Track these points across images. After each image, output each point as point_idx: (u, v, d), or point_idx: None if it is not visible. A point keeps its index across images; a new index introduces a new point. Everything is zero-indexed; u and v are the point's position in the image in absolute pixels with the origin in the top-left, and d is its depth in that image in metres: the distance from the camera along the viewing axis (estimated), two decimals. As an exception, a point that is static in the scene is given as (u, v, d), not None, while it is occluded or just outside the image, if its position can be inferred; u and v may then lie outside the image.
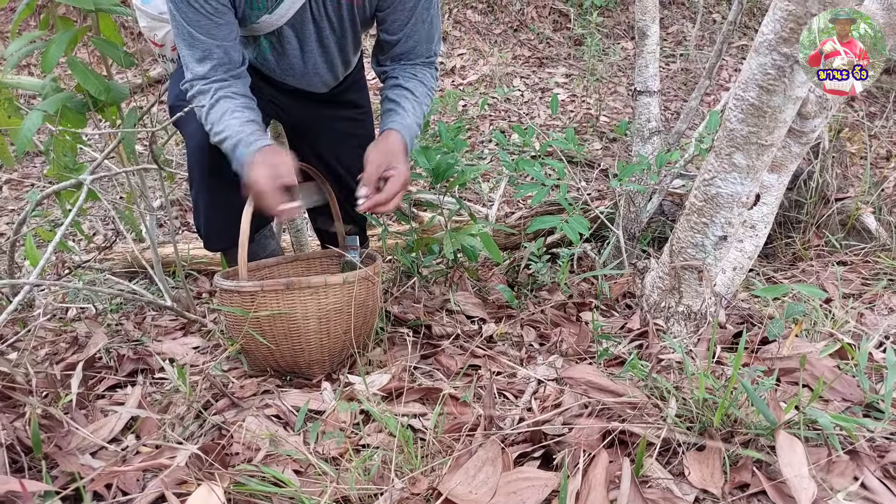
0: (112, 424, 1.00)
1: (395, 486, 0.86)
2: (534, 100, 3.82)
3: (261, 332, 1.21)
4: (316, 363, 1.26)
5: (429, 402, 1.12)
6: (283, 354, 1.25)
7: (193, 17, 1.26)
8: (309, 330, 1.22)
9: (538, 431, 0.98)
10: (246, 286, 1.20)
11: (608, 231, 2.10)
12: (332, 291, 1.22)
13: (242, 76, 1.36)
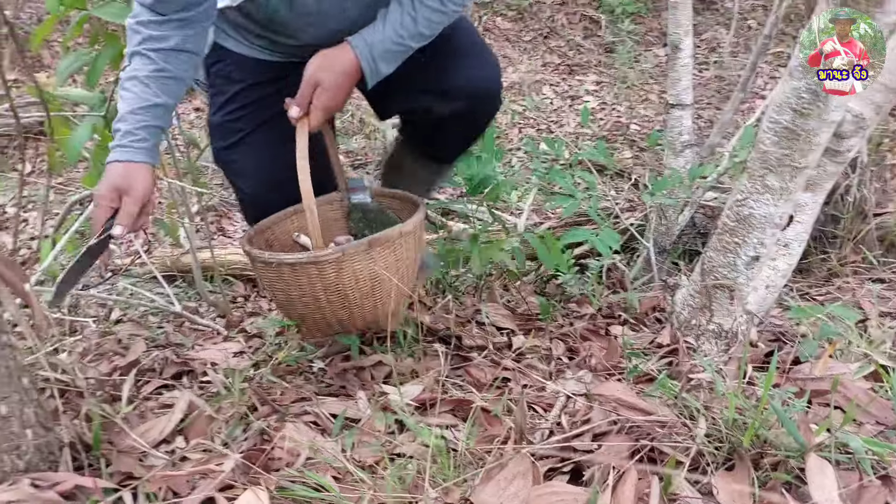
0: (162, 426, 1.06)
1: (430, 495, 0.89)
2: (563, 107, 3.83)
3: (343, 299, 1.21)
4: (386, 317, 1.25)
5: (460, 414, 1.15)
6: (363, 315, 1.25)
7: None
8: (389, 285, 1.21)
9: (568, 447, 1.00)
10: (328, 254, 1.16)
11: (638, 242, 2.10)
12: (406, 238, 1.22)
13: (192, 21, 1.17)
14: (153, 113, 1.14)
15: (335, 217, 1.47)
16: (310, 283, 1.20)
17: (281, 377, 1.33)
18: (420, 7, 1.17)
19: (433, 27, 1.21)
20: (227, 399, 1.15)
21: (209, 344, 1.63)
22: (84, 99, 1.95)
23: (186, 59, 1.20)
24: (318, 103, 1.16)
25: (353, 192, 1.37)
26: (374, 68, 1.19)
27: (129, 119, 1.13)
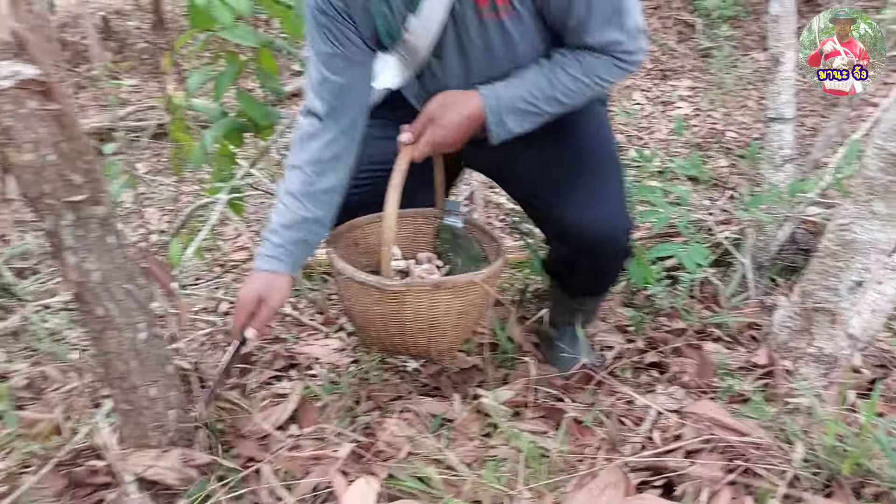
0: (278, 414, 1.17)
1: (524, 495, 0.94)
2: (654, 113, 3.76)
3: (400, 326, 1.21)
4: (445, 353, 1.27)
5: (550, 422, 1.20)
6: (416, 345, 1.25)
7: (321, 45, 1.21)
8: (447, 324, 1.21)
9: (660, 462, 1.03)
10: (392, 285, 1.17)
11: (734, 257, 2.05)
12: (475, 288, 1.20)
13: (354, 132, 1.27)
14: (305, 228, 1.22)
15: (425, 231, 1.50)
16: (372, 304, 1.21)
17: (377, 375, 1.42)
18: (559, 71, 1.14)
19: (571, 96, 1.16)
20: (334, 392, 1.25)
21: (312, 339, 1.75)
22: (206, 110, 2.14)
23: (343, 168, 1.27)
24: (428, 137, 1.17)
25: (447, 214, 1.39)
26: (500, 120, 1.16)
27: (280, 233, 1.21)
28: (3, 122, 0.81)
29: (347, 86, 1.24)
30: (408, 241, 1.50)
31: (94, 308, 0.93)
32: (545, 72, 1.15)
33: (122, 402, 1.00)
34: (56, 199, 0.87)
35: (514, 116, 1.16)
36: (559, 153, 1.27)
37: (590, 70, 1.15)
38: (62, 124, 0.85)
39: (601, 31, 1.12)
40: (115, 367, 0.97)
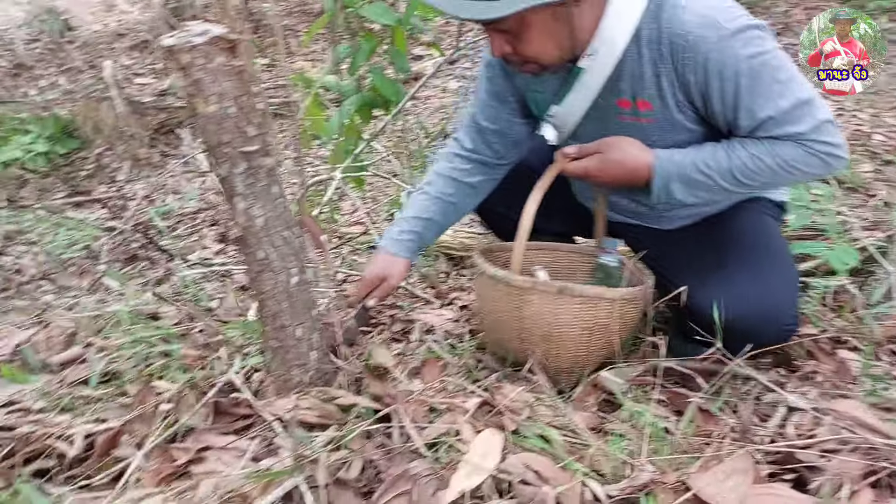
0: (403, 367, 1.23)
1: (647, 468, 0.94)
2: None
3: (520, 327, 1.23)
4: (564, 371, 1.26)
5: (672, 407, 1.18)
6: (534, 353, 1.25)
7: (482, 90, 1.37)
8: (570, 338, 1.21)
9: (791, 455, 0.98)
10: (518, 280, 1.20)
11: (874, 266, 1.90)
12: (604, 305, 1.19)
13: (498, 168, 1.41)
14: (427, 225, 1.39)
15: (579, 268, 1.51)
16: (498, 300, 1.25)
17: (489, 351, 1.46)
18: (738, 147, 1.13)
19: (749, 174, 1.13)
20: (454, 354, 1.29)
21: (427, 309, 1.82)
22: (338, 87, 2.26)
23: (474, 196, 1.44)
24: (587, 163, 1.20)
25: (603, 253, 1.38)
26: (666, 185, 1.17)
27: (409, 221, 1.38)
28: (194, 75, 0.91)
29: (495, 133, 1.39)
30: (561, 275, 1.51)
31: (256, 251, 1.03)
32: (724, 146, 1.15)
33: (271, 338, 1.09)
34: (232, 148, 0.96)
35: (682, 185, 1.16)
36: (715, 238, 1.27)
37: (774, 151, 1.11)
38: (242, 80, 0.95)
39: (779, 126, 1.10)
40: (269, 307, 1.07)
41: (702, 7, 1.06)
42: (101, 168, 3.18)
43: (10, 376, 1.48)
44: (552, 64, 1.15)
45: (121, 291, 2.01)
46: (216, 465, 1.01)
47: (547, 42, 1.11)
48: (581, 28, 1.11)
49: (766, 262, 1.20)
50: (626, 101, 1.17)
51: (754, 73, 1.07)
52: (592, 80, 1.17)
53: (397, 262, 1.36)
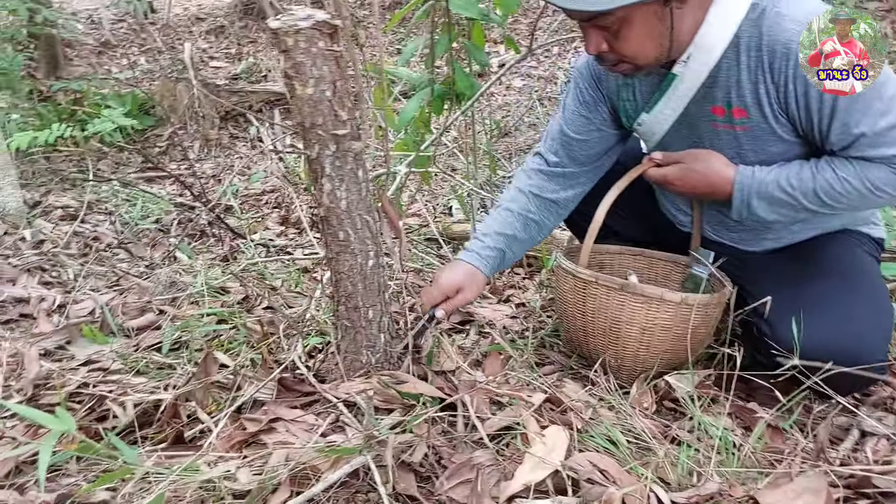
0: (465, 360, 1.24)
1: (714, 479, 0.93)
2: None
3: (584, 320, 1.28)
4: (626, 369, 1.27)
5: (740, 421, 1.16)
6: (596, 347, 1.29)
7: (571, 101, 1.36)
8: (629, 336, 1.23)
9: (867, 480, 0.95)
10: (583, 273, 1.25)
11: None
12: (664, 307, 1.20)
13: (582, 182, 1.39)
14: (510, 243, 1.36)
15: (672, 278, 1.50)
16: (566, 291, 1.29)
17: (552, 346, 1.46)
18: (825, 167, 1.10)
19: (835, 196, 1.09)
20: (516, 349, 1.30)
21: (485, 303, 1.83)
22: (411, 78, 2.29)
23: (557, 213, 1.40)
24: (669, 170, 1.21)
25: (695, 263, 1.36)
26: (746, 200, 1.15)
27: (492, 236, 1.35)
28: (296, 58, 0.95)
29: (582, 143, 1.36)
30: (654, 283, 1.49)
31: (338, 231, 1.06)
32: (810, 165, 1.12)
33: (344, 318, 1.13)
34: (325, 130, 0.99)
35: (763, 201, 1.15)
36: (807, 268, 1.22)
37: (863, 174, 1.07)
38: (339, 65, 0.98)
39: (873, 147, 1.05)
40: (345, 287, 1.10)
41: (804, 14, 1.03)
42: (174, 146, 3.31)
43: (90, 336, 1.56)
44: (647, 65, 1.13)
45: (190, 265, 2.09)
46: (286, 436, 1.04)
47: (646, 41, 1.09)
48: (681, 30, 1.10)
49: (858, 302, 1.15)
50: (720, 108, 1.15)
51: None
52: (685, 86, 1.16)
53: (477, 277, 1.32)
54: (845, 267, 1.21)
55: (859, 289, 1.17)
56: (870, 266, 1.25)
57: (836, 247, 1.26)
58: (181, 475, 0.90)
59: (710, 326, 1.27)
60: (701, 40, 1.10)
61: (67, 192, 2.75)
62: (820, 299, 1.14)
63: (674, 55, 1.13)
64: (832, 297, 1.14)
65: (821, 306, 1.12)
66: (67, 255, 2.09)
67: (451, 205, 3.10)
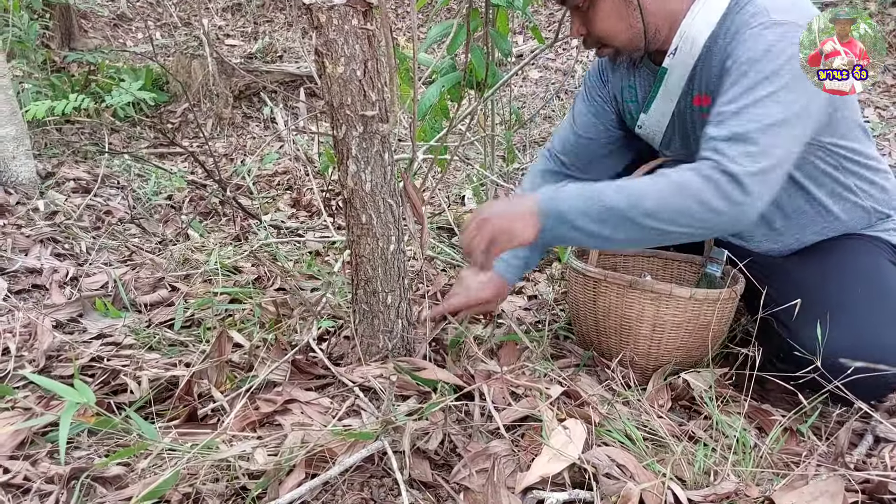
0: (482, 350, 1.23)
1: (731, 478, 0.92)
2: (887, 134, 3.35)
3: (595, 318, 1.29)
4: (639, 367, 1.27)
5: (755, 422, 1.15)
6: (609, 346, 1.30)
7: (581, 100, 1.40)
8: (640, 333, 1.24)
9: (884, 485, 0.95)
10: (592, 271, 1.28)
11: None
12: (674, 303, 1.20)
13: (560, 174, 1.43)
14: (531, 250, 1.35)
15: (686, 278, 1.50)
16: (578, 291, 1.32)
17: (566, 339, 1.45)
18: (643, 179, 1.05)
19: (636, 199, 1.00)
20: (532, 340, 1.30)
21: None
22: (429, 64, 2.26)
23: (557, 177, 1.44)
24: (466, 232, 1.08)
25: (710, 262, 1.36)
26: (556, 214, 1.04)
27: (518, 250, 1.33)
28: (329, 35, 0.93)
29: (590, 143, 1.39)
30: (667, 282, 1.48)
31: (361, 214, 1.05)
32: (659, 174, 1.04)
33: (363, 302, 1.12)
34: (353, 111, 0.98)
35: (575, 213, 1.03)
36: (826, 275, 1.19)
37: (673, 175, 1.01)
38: (371, 45, 0.96)
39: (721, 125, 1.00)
40: (365, 271, 1.09)
41: (772, 3, 1.03)
42: (187, 123, 3.29)
43: (103, 310, 1.56)
44: (626, 48, 1.16)
45: (203, 243, 2.08)
46: (301, 418, 1.04)
47: (616, 21, 1.13)
48: (653, 12, 1.12)
49: (881, 309, 1.13)
50: (700, 97, 1.17)
51: (757, 59, 0.99)
52: (674, 79, 1.17)
53: (504, 289, 1.32)
54: (868, 274, 1.20)
55: (882, 296, 1.16)
56: (892, 274, 1.24)
57: (860, 254, 1.25)
58: (199, 453, 0.89)
59: (723, 323, 1.27)
60: (686, 31, 1.12)
61: (80, 164, 2.74)
62: (843, 305, 1.13)
63: (658, 44, 1.16)
64: (855, 303, 1.13)
65: (844, 312, 1.11)
66: (80, 228, 2.09)
67: (464, 194, 3.09)
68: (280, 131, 2.96)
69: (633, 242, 1.05)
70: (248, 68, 3.43)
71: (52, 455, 0.98)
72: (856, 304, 1.13)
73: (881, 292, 1.17)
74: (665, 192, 0.99)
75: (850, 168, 1.21)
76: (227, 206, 2.44)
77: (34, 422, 1.01)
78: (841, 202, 1.24)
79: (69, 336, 1.43)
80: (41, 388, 1.08)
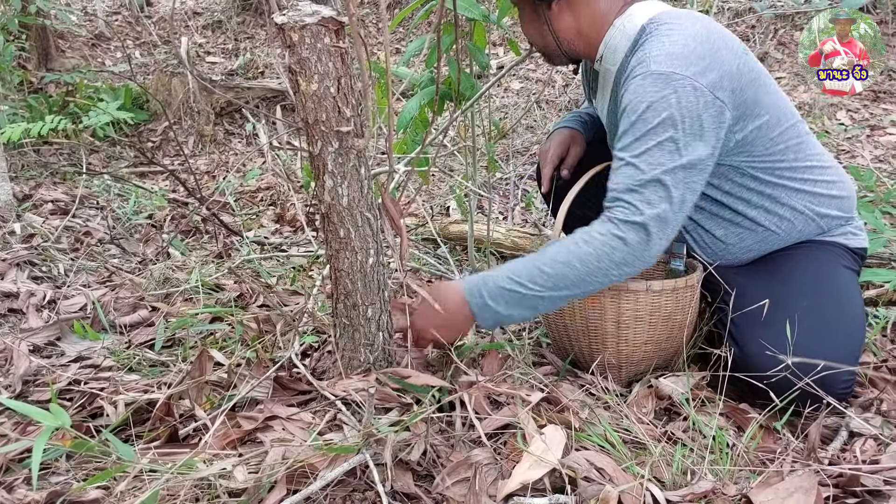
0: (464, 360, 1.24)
1: (708, 477, 0.93)
2: (859, 136, 3.42)
3: (563, 321, 1.29)
4: (614, 367, 1.28)
5: (733, 421, 1.17)
6: (581, 349, 1.30)
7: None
8: (607, 331, 1.24)
9: (856, 479, 0.97)
10: None
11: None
12: (633, 297, 1.22)
13: None
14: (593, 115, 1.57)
15: (654, 276, 1.50)
16: None
17: (549, 345, 1.47)
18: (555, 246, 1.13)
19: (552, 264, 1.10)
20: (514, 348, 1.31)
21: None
22: (408, 77, 2.28)
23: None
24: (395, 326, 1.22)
25: (672, 258, 1.37)
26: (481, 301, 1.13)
27: (579, 112, 1.59)
28: (302, 54, 0.95)
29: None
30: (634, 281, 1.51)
31: (339, 228, 1.06)
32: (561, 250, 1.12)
33: (343, 316, 1.12)
34: (328, 127, 0.99)
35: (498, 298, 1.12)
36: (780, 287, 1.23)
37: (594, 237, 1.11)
38: (345, 62, 0.98)
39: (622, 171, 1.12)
40: (344, 285, 1.10)
41: (664, 46, 1.10)
42: (168, 141, 3.29)
43: (81, 333, 1.55)
44: (544, 53, 1.35)
45: (184, 261, 2.08)
46: (283, 434, 1.04)
47: (532, 31, 1.33)
48: (563, 29, 1.26)
49: (829, 324, 1.16)
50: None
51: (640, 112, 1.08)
52: (604, 83, 1.31)
53: (578, 137, 1.53)
54: (817, 284, 1.22)
55: (826, 307, 1.18)
56: (846, 284, 1.26)
57: (812, 262, 1.27)
58: (176, 473, 0.89)
59: (687, 312, 1.28)
60: (609, 41, 1.24)
61: (58, 185, 2.72)
62: (786, 318, 1.14)
63: (578, 55, 1.31)
64: (804, 318, 1.14)
65: (786, 325, 1.13)
66: (58, 250, 2.07)
67: (448, 205, 3.11)
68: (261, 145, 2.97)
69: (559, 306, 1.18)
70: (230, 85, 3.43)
71: (28, 481, 0.97)
72: (804, 319, 1.14)
73: (827, 303, 1.19)
74: (582, 272, 1.09)
75: (774, 180, 1.24)
76: (209, 224, 2.44)
77: (9, 447, 1.00)
78: (769, 214, 1.26)
79: (46, 360, 1.42)
80: (17, 414, 1.07)
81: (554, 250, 1.11)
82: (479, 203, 3.56)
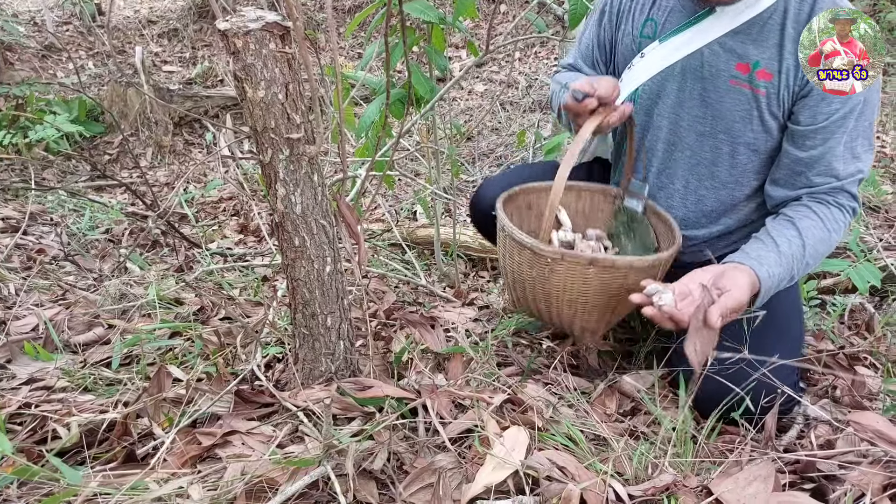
0: (428, 365, 1.24)
1: (669, 471, 0.94)
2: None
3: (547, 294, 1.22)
4: (589, 331, 1.25)
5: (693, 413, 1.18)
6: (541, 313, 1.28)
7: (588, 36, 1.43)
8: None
9: (812, 465, 0.99)
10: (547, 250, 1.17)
11: (892, 286, 1.90)
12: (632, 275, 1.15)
13: None
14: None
15: (603, 209, 1.44)
16: (525, 265, 1.22)
17: (515, 346, 1.47)
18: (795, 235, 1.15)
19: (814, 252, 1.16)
20: (477, 352, 1.30)
21: (449, 307, 1.83)
22: (372, 82, 2.27)
23: None
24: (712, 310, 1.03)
25: (629, 196, 1.33)
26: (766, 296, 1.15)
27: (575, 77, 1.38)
28: (247, 60, 0.93)
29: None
30: (582, 216, 1.45)
31: (293, 237, 1.04)
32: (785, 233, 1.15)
33: (302, 326, 1.11)
34: (277, 134, 0.98)
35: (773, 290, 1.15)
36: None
37: (832, 227, 1.17)
38: (291, 68, 0.96)
39: (847, 163, 1.14)
40: (302, 294, 1.08)
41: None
42: (125, 153, 3.21)
43: (33, 354, 1.50)
44: None
45: (142, 276, 2.03)
46: (242, 449, 1.02)
47: None
48: None
49: (772, 335, 1.19)
50: (746, 65, 1.13)
51: (859, 112, 1.09)
52: (719, 25, 1.12)
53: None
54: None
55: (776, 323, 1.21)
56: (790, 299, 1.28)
57: None
58: (129, 494, 0.87)
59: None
60: None
61: (9, 202, 2.64)
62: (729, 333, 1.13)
63: None
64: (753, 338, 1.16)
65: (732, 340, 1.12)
66: (8, 269, 2.00)
67: (415, 209, 3.10)
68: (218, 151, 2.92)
69: None
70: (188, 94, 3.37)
71: (-25, 510, 0.93)
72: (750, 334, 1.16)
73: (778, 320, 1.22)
74: (832, 242, 1.18)
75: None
76: (168, 237, 2.39)
77: (-45, 477, 0.96)
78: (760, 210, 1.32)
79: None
80: (-37, 441, 1.02)
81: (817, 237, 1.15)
82: (446, 206, 3.57)
